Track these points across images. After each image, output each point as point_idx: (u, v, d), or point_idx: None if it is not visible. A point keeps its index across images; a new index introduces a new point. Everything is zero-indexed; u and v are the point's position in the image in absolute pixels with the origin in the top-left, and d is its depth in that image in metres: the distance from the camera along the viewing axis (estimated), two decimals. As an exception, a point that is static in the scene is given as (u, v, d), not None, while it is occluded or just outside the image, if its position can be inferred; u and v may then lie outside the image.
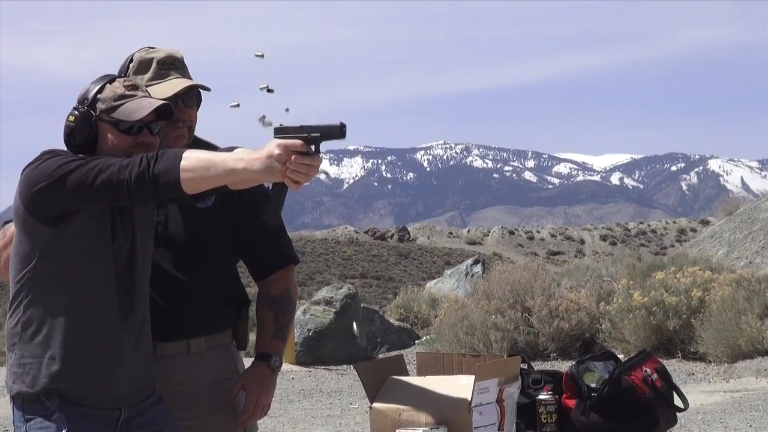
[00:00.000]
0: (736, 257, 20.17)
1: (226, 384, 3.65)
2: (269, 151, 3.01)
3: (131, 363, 3.35)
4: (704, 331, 13.92)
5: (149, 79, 3.58)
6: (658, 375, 3.57)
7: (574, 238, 76.41)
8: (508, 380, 3.34)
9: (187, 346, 3.62)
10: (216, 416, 3.63)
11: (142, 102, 3.34)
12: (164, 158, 3.13)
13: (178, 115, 3.56)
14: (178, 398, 3.57)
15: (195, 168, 3.08)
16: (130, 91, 3.36)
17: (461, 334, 15.00)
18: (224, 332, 3.70)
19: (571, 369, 3.55)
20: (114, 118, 3.32)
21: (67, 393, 3.28)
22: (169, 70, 3.60)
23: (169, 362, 3.59)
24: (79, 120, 3.33)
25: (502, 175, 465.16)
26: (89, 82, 3.40)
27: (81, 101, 3.36)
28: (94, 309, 3.29)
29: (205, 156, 3.10)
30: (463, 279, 21.94)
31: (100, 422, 3.32)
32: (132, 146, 3.31)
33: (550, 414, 3.48)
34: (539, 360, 14.46)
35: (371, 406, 3.30)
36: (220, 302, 3.66)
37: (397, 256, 63.01)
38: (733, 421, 10.24)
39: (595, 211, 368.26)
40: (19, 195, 3.28)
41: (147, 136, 3.34)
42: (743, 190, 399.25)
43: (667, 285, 14.69)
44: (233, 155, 3.07)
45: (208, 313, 3.63)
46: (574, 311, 14.98)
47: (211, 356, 3.64)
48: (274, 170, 3.02)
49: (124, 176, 3.13)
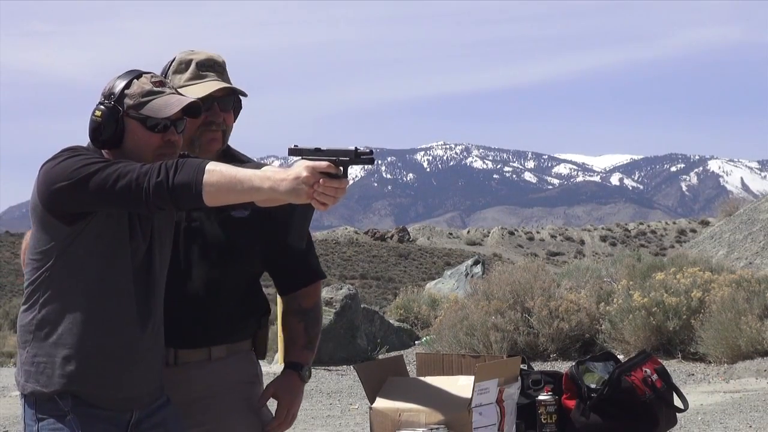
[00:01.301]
0: (736, 258, 20.17)
1: (246, 387, 3.62)
2: (297, 173, 2.98)
3: (146, 366, 3.33)
4: (704, 331, 13.92)
5: (187, 80, 3.57)
6: (658, 375, 3.57)
7: (573, 238, 76.40)
8: (508, 381, 3.34)
9: (209, 354, 3.59)
10: (236, 419, 3.59)
11: (171, 99, 3.29)
12: (185, 169, 3.07)
13: (212, 117, 3.54)
14: (199, 404, 3.56)
15: (219, 183, 3.04)
16: (158, 87, 3.31)
17: (461, 335, 15.00)
18: (246, 341, 3.68)
19: (571, 369, 3.55)
20: (142, 114, 3.27)
21: (81, 394, 3.26)
22: (207, 72, 3.59)
23: (190, 369, 3.58)
24: (106, 115, 3.27)
25: (501, 176, 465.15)
26: (114, 77, 3.34)
27: (107, 96, 3.30)
28: (112, 310, 3.26)
29: (230, 172, 3.05)
30: (463, 280, 21.94)
31: (112, 423, 3.31)
32: (160, 145, 3.28)
33: (550, 414, 3.48)
34: (539, 360, 14.46)
35: (371, 406, 3.30)
36: (243, 312, 3.63)
37: (397, 256, 63.03)
38: (733, 422, 10.24)
39: (594, 211, 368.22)
40: (37, 192, 3.24)
41: (173, 134, 3.30)
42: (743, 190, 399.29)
43: (667, 286, 14.69)
44: (260, 173, 3.03)
45: (232, 323, 3.61)
46: (574, 312, 14.98)
47: (231, 362, 3.62)
48: (301, 192, 2.99)
49: (143, 184, 3.08)
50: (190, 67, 3.59)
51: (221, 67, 3.63)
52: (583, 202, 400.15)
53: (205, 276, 3.54)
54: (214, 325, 3.57)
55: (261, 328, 3.72)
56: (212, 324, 3.57)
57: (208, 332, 3.57)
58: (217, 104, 3.57)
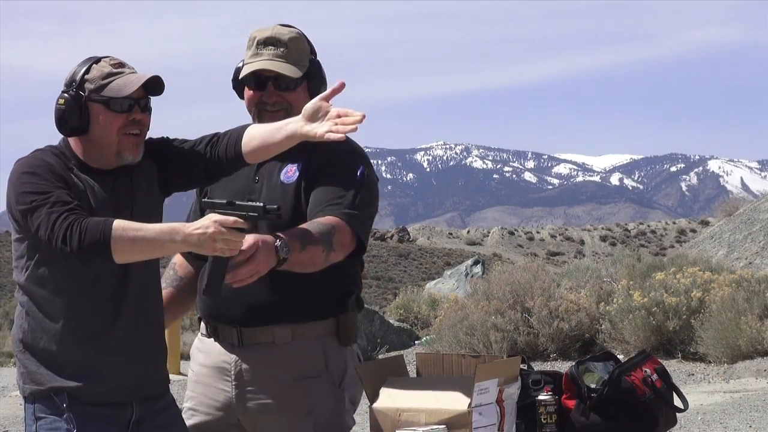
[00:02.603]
0: (736, 258, 20.18)
1: (307, 383, 3.51)
2: (205, 227, 3.05)
3: (130, 355, 3.33)
4: (704, 331, 13.92)
5: (248, 57, 3.55)
6: (657, 375, 3.57)
7: (573, 238, 76.42)
8: (508, 381, 3.34)
9: (272, 335, 3.52)
10: (286, 415, 3.52)
11: (130, 78, 3.31)
12: (89, 235, 3.11)
13: (265, 98, 3.52)
14: (255, 390, 3.52)
15: (126, 249, 3.12)
16: (117, 69, 3.33)
17: (461, 335, 14.99)
18: (316, 323, 3.54)
19: (570, 369, 3.55)
20: (104, 96, 3.29)
21: (73, 391, 3.28)
22: (264, 50, 3.53)
23: (253, 352, 3.52)
24: (69, 102, 3.30)
25: (501, 176, 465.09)
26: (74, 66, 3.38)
27: (69, 84, 3.33)
28: (85, 305, 3.29)
29: (138, 234, 3.11)
30: (463, 279, 21.95)
31: (111, 422, 3.32)
32: (125, 124, 3.30)
33: (550, 414, 3.48)
34: (539, 360, 14.46)
35: (371, 406, 3.29)
36: (308, 288, 3.45)
37: (397, 256, 63.01)
38: (733, 422, 10.24)
39: (594, 211, 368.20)
40: (7, 194, 3.29)
41: (138, 112, 3.31)
42: (743, 190, 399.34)
43: (666, 285, 14.69)
44: (169, 228, 3.10)
45: (294, 299, 3.48)
46: (574, 312, 14.98)
47: (297, 349, 3.52)
48: (206, 245, 3.07)
49: (54, 242, 3.14)
50: (252, 45, 3.56)
51: (283, 44, 3.54)
52: (583, 202, 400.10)
53: None
54: (275, 301, 3.48)
55: (344, 312, 3.58)
56: (272, 299, 3.47)
57: (267, 308, 3.48)
58: (272, 84, 3.52)
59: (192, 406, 3.67)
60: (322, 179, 3.50)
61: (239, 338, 3.54)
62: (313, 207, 3.48)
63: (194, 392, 3.67)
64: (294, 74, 3.52)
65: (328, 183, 3.49)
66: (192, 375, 3.70)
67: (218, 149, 3.40)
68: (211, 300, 3.56)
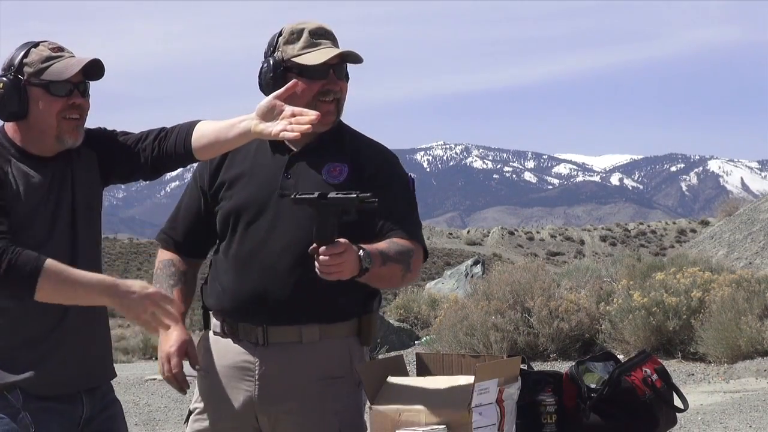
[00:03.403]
0: (736, 258, 20.17)
1: (333, 383, 3.50)
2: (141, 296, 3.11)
3: (74, 348, 3.34)
4: (704, 331, 13.92)
5: (300, 48, 3.49)
6: (657, 375, 3.57)
7: (573, 238, 76.41)
8: (508, 381, 3.34)
9: (299, 334, 3.50)
10: (312, 416, 3.50)
11: (70, 61, 3.30)
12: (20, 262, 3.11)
13: (329, 86, 3.49)
14: (281, 389, 3.49)
15: (50, 291, 3.13)
16: (57, 52, 3.32)
17: (461, 335, 14.99)
18: (343, 323, 3.53)
19: (570, 369, 3.55)
20: (44, 80, 3.28)
21: (24, 385, 3.29)
22: (321, 40, 3.51)
23: (280, 351, 3.49)
24: (8, 87, 3.28)
25: (501, 176, 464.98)
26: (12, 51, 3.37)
27: (6, 68, 3.32)
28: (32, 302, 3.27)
29: (68, 279, 3.14)
30: (463, 280, 21.94)
31: (65, 418, 3.34)
32: (64, 108, 3.29)
33: (550, 415, 3.48)
34: (539, 360, 14.45)
35: (371, 406, 3.29)
36: (339, 289, 3.40)
37: (397, 256, 62.86)
38: (733, 422, 10.23)
39: (594, 211, 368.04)
40: None
41: (77, 97, 3.31)
42: (743, 190, 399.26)
43: (666, 285, 14.69)
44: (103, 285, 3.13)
45: (324, 299, 3.46)
46: (574, 312, 14.97)
47: (325, 348, 3.50)
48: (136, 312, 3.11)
49: None
50: (303, 36, 3.51)
51: (332, 35, 3.54)
52: (583, 202, 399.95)
53: (296, 247, 3.43)
54: (305, 300, 3.45)
55: (367, 312, 3.58)
56: (302, 299, 3.45)
57: (296, 306, 3.46)
58: (333, 71, 3.49)
59: (206, 406, 3.62)
60: (384, 189, 3.49)
61: (264, 337, 3.50)
62: (385, 221, 3.51)
63: (209, 392, 3.61)
64: (362, 58, 3.52)
65: (390, 194, 3.51)
66: (204, 374, 3.63)
67: (166, 145, 3.40)
68: (234, 299, 3.54)
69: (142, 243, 77.89)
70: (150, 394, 13.83)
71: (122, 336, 25.64)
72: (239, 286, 3.52)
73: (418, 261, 3.55)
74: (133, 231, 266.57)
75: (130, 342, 23.47)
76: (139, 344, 22.34)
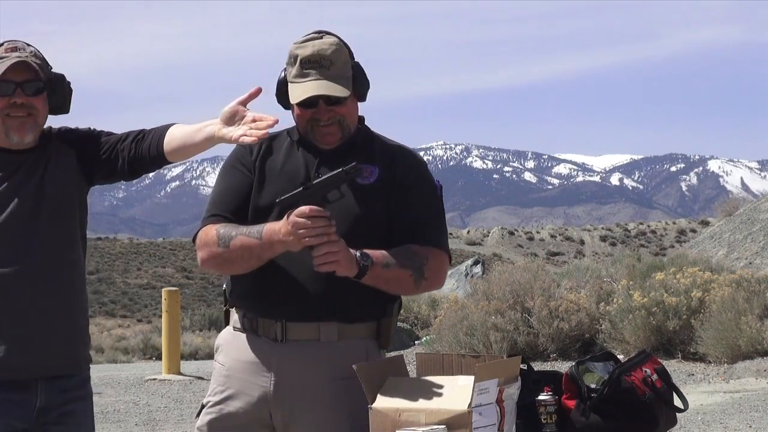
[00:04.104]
0: (736, 258, 20.19)
1: (348, 383, 3.47)
2: None
3: (33, 329, 3.39)
4: (704, 331, 13.92)
5: (292, 76, 3.52)
6: (657, 375, 3.57)
7: (573, 238, 76.46)
8: (507, 381, 3.34)
9: (318, 332, 3.50)
10: (326, 414, 3.50)
11: (6, 62, 3.42)
12: None
13: (317, 115, 3.50)
14: (296, 387, 3.50)
15: None
16: (8, 53, 3.45)
17: (461, 335, 15.00)
18: (362, 324, 3.54)
19: (570, 369, 3.55)
20: None
21: None
22: (310, 70, 3.50)
23: (296, 349, 3.50)
24: None
25: (501, 176, 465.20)
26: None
27: None
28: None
29: None
30: (463, 279, 21.96)
31: (23, 408, 3.39)
32: (6, 106, 3.42)
33: (550, 414, 3.48)
34: (539, 360, 14.46)
35: (371, 406, 3.29)
36: (359, 289, 3.42)
37: (397, 256, 62.84)
38: (733, 422, 10.24)
39: (594, 211, 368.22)
40: None
41: (20, 96, 3.42)
42: (743, 190, 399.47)
43: (666, 285, 14.70)
44: None
45: (344, 296, 3.47)
46: (574, 312, 14.98)
47: (342, 348, 3.51)
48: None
49: None
50: (296, 63, 3.51)
51: (327, 60, 3.50)
52: (583, 202, 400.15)
53: None
54: (324, 296, 3.46)
55: (386, 316, 3.59)
56: (322, 293, 3.46)
57: (317, 302, 3.47)
58: (322, 102, 3.50)
59: (221, 399, 3.62)
60: (411, 192, 3.53)
61: (283, 333, 3.51)
62: (407, 226, 3.52)
63: (224, 386, 3.61)
64: (344, 94, 3.51)
65: (417, 198, 3.54)
66: (222, 369, 3.64)
67: (142, 147, 3.50)
68: (256, 291, 3.55)
69: (142, 243, 77.97)
70: (150, 394, 13.83)
71: (122, 336, 25.65)
72: (262, 280, 3.53)
73: (438, 268, 3.52)
74: (133, 231, 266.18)
75: (130, 342, 23.49)
76: (139, 344, 22.35)
